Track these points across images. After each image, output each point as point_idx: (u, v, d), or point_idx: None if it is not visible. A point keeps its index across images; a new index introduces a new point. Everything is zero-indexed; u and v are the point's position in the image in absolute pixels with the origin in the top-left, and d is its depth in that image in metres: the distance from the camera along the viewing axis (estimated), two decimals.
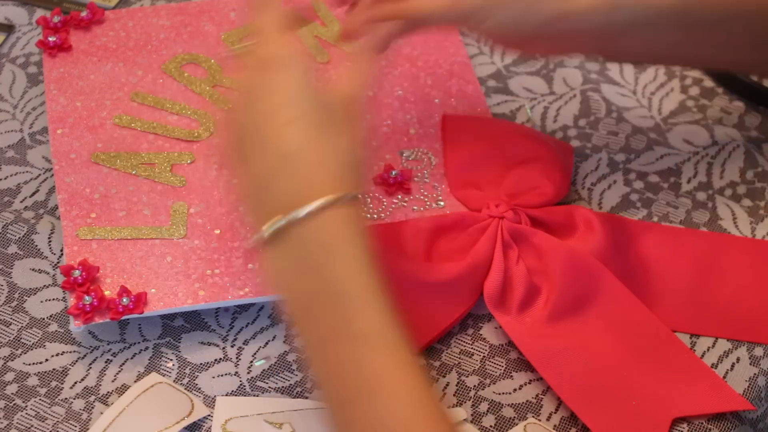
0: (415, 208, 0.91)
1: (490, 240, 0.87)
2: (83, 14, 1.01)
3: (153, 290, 0.85)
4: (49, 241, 0.90)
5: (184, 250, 0.88)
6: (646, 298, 0.87)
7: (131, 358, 0.84)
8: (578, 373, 0.82)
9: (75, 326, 0.83)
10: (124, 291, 0.84)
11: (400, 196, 0.92)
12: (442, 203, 0.92)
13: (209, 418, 0.81)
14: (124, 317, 0.83)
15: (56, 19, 1.01)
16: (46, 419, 0.81)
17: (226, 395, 0.82)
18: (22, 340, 0.85)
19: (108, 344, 0.85)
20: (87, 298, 0.83)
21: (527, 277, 0.86)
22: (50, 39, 0.99)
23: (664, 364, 0.83)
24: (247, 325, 0.86)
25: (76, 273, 0.85)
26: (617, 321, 0.85)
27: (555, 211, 0.90)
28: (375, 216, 0.91)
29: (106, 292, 0.84)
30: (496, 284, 0.86)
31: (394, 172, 0.92)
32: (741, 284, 0.88)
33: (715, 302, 0.88)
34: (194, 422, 0.81)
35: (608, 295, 0.86)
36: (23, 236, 0.90)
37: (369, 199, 0.92)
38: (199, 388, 0.83)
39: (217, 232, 0.89)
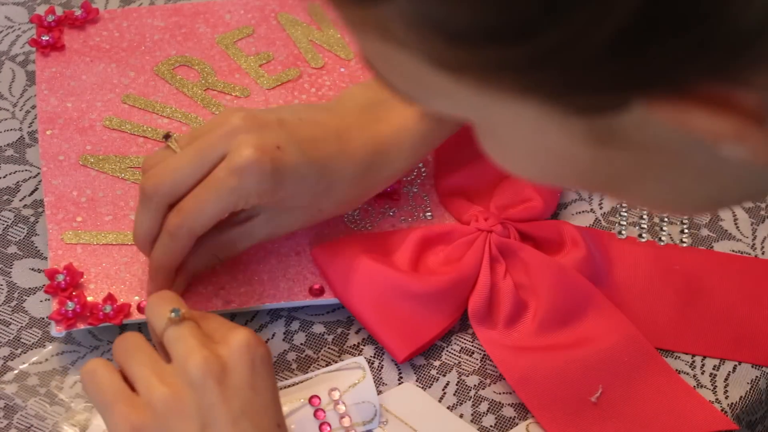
0: (403, 219, 0.91)
1: (478, 254, 0.86)
2: (77, 13, 1.01)
3: (136, 297, 0.85)
4: None
5: None
6: (633, 315, 0.86)
7: None
8: (557, 393, 0.82)
9: (56, 332, 0.83)
10: (109, 298, 0.84)
11: (387, 207, 0.91)
12: (430, 215, 0.91)
13: None
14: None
15: (50, 17, 1.00)
16: (45, 419, 0.81)
17: None
18: (22, 340, 0.85)
19: (108, 344, 0.85)
20: (70, 303, 0.83)
21: (514, 292, 0.86)
22: (43, 38, 0.99)
23: (647, 384, 0.83)
24: (246, 323, 0.86)
25: (60, 277, 0.85)
26: (603, 339, 0.85)
27: (543, 226, 0.89)
28: (362, 226, 0.90)
29: (89, 298, 0.84)
30: (482, 300, 0.85)
31: None
32: (728, 302, 0.88)
33: (703, 320, 0.87)
34: None
35: (595, 313, 0.85)
36: (23, 236, 0.91)
37: (357, 209, 0.91)
38: None
39: None
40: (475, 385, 0.84)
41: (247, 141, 0.78)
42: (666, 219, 0.93)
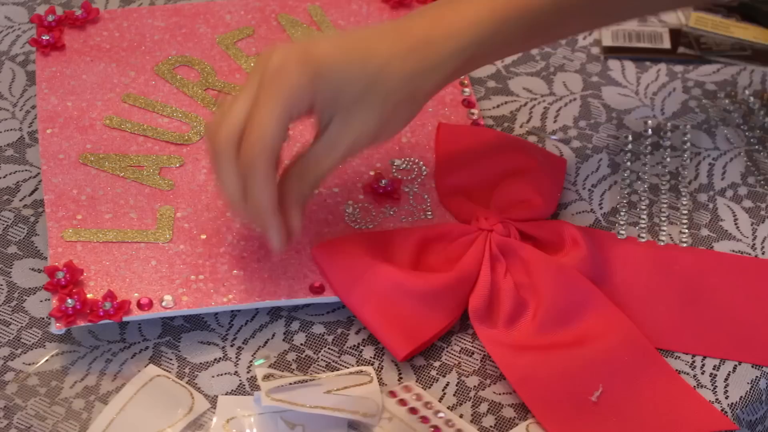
0: (403, 218, 0.91)
1: (478, 253, 0.87)
2: (78, 13, 1.01)
3: (136, 294, 0.85)
4: None
5: (169, 255, 0.87)
6: (633, 315, 0.86)
7: (131, 358, 0.84)
8: (557, 392, 0.82)
9: (56, 329, 0.83)
10: (109, 295, 0.84)
11: (388, 206, 0.91)
12: (430, 214, 0.91)
13: (210, 411, 0.81)
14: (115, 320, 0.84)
15: (51, 17, 1.01)
16: (46, 419, 0.81)
17: (226, 394, 0.82)
18: (22, 340, 0.85)
19: (108, 344, 0.85)
20: (70, 301, 0.83)
21: (514, 291, 0.86)
22: (43, 38, 0.99)
23: (648, 384, 0.83)
24: (246, 323, 0.86)
25: (60, 275, 0.84)
26: (603, 338, 0.84)
27: (544, 226, 0.89)
28: (363, 225, 0.90)
29: (89, 295, 0.84)
30: (482, 299, 0.85)
31: (383, 182, 0.92)
32: (728, 302, 0.88)
33: (703, 320, 0.87)
34: (195, 420, 0.81)
35: (595, 312, 0.85)
36: (23, 236, 0.91)
37: (357, 209, 0.91)
38: (199, 388, 0.83)
39: (203, 237, 0.88)
40: (475, 386, 0.84)
41: (277, 49, 0.79)
42: (665, 219, 0.93)
